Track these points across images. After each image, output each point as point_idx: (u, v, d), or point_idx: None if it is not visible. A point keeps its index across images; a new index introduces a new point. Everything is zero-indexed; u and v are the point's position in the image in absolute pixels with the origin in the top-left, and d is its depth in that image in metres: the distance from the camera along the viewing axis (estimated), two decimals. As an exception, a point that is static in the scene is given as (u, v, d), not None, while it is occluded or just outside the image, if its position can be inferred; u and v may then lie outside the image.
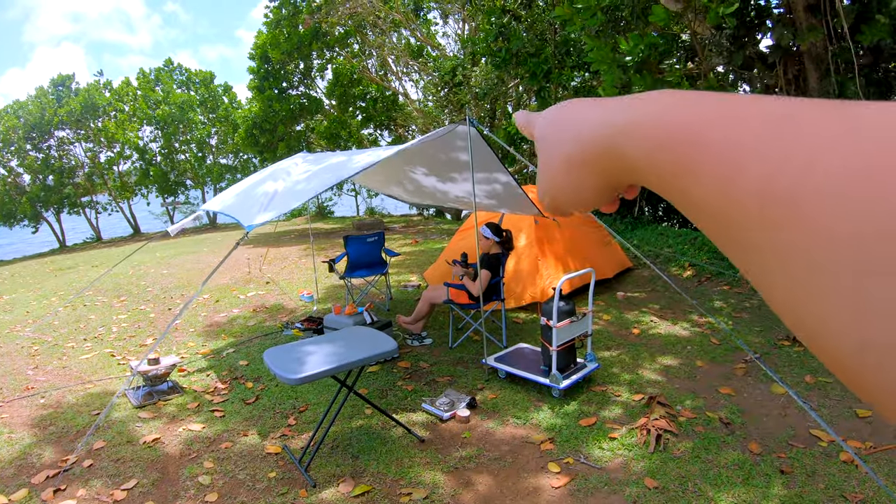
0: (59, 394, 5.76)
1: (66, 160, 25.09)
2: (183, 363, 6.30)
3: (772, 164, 0.27)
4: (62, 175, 24.67)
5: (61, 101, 24.31)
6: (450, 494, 3.62)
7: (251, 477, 3.99)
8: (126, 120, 25.29)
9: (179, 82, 26.87)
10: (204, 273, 11.76)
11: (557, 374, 4.70)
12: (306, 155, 6.25)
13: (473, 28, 16.81)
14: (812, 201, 0.25)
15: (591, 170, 0.41)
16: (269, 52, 19.17)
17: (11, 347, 7.52)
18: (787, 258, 0.26)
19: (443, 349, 6.22)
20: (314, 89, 21.44)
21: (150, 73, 26.69)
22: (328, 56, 20.60)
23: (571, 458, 3.92)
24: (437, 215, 21.61)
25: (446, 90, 15.65)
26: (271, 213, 4.61)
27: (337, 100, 20.73)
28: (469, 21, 17.37)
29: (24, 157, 24.30)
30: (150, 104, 25.44)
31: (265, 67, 19.90)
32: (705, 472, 3.62)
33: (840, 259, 0.24)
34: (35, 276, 14.96)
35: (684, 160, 0.32)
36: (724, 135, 0.30)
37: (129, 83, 26.35)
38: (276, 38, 18.85)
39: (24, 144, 24.08)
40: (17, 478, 4.19)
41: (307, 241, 15.39)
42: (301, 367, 3.68)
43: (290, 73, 20.42)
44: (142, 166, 26.11)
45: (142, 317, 8.64)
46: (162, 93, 25.84)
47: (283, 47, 18.70)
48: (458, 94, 15.02)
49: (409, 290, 8.99)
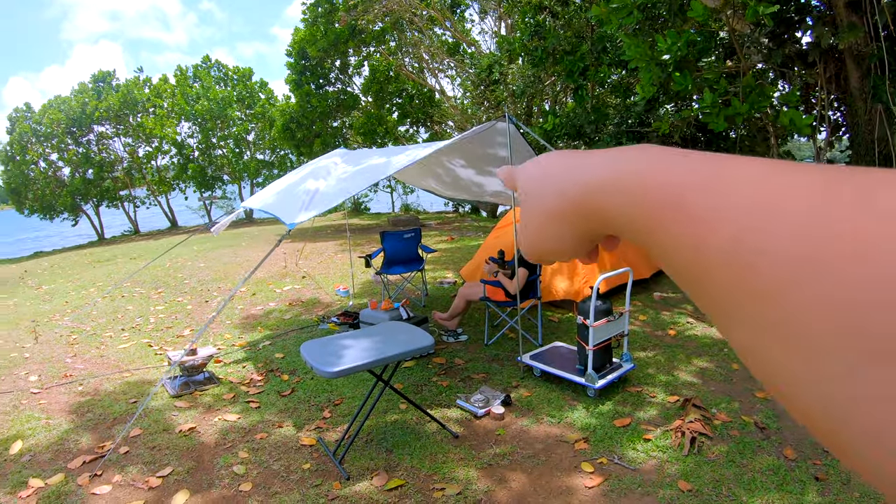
0: (97, 381, 5.87)
1: (106, 154, 25.56)
2: (219, 354, 6.38)
3: (739, 225, 0.28)
4: (102, 169, 25.12)
5: (101, 97, 24.71)
6: (483, 491, 3.63)
7: (285, 468, 4.03)
8: (164, 116, 25.63)
9: (217, 79, 27.15)
10: (241, 267, 11.90)
11: (593, 373, 4.68)
12: (345, 152, 6.29)
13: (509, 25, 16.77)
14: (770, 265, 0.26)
15: (572, 222, 0.43)
16: (307, 49, 19.29)
17: (51, 336, 7.68)
18: (747, 313, 0.28)
19: (478, 346, 6.22)
20: (351, 85, 21.55)
21: (188, 69, 27.00)
22: (365, 53, 20.67)
23: (605, 459, 3.91)
24: (472, 212, 21.59)
25: (483, 87, 15.62)
26: (313, 212, 4.66)
27: (373, 96, 20.80)
28: (505, 18, 17.33)
29: (65, 151, 24.76)
30: (188, 100, 25.73)
31: (302, 63, 20.04)
32: (739, 477, 3.59)
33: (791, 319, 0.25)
34: (74, 267, 15.23)
35: (660, 219, 0.33)
36: (700, 199, 0.31)
37: (168, 80, 26.69)
38: (313, 34, 18.96)
39: (65, 139, 24.55)
40: (53, 462, 4.28)
41: (343, 236, 15.49)
42: (338, 360, 3.71)
43: (327, 70, 20.54)
44: (180, 161, 26.48)
45: (179, 308, 8.77)
46: (200, 89, 26.12)
47: (321, 44, 18.80)
48: (494, 91, 14.98)
49: (445, 286, 9.00)
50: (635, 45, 7.13)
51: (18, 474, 4.14)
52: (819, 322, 0.24)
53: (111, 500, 3.77)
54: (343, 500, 3.61)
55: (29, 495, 3.86)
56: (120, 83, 25.89)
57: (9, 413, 5.22)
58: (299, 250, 13.10)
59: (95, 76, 25.85)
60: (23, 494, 3.87)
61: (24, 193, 25.27)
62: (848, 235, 0.24)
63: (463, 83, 19.10)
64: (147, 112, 25.63)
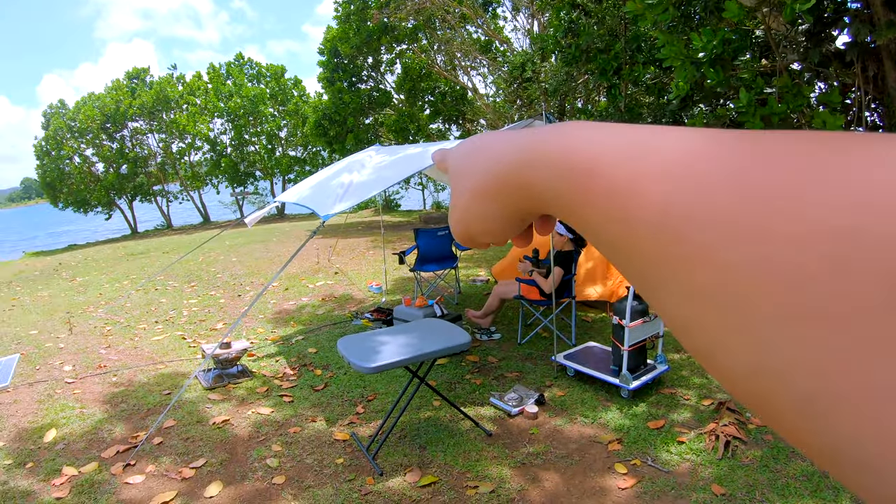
0: (131, 373, 5.96)
1: (140, 150, 25.93)
2: (253, 348, 6.44)
3: (662, 193, 0.27)
4: (136, 164, 25.50)
5: (136, 94, 25.03)
6: (516, 490, 3.62)
7: (319, 462, 4.06)
8: (197, 112, 25.90)
9: (250, 76, 27.37)
10: (273, 262, 11.99)
11: (627, 374, 4.66)
12: (380, 147, 6.31)
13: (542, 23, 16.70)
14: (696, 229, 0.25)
15: (498, 199, 0.42)
16: (339, 47, 19.37)
17: (85, 327, 7.80)
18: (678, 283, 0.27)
19: (511, 344, 6.22)
20: (383, 83, 21.59)
21: (221, 67, 27.25)
22: (397, 50, 20.71)
23: (639, 460, 3.89)
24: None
25: (515, 85, 15.58)
26: (347, 203, 4.68)
27: (406, 94, 20.83)
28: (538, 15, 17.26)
29: (100, 147, 25.12)
30: (220, 97, 25.99)
31: (335, 61, 20.12)
32: (773, 482, 3.55)
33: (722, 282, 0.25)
34: (108, 260, 15.45)
35: (584, 191, 0.32)
36: (623, 167, 0.30)
37: (201, 77, 26.97)
38: (345, 32, 19.03)
39: (99, 134, 24.92)
40: (87, 451, 4.36)
41: (375, 233, 15.54)
42: (375, 356, 3.73)
43: (359, 67, 20.60)
44: (212, 157, 26.76)
45: (212, 302, 8.86)
46: (233, 86, 26.35)
47: (353, 41, 18.87)
48: (527, 89, 14.93)
49: (478, 284, 9.00)
50: (670, 43, 7.07)
51: (52, 462, 4.22)
52: (750, 282, 0.23)
53: (144, 490, 3.82)
54: (376, 495, 3.63)
55: (62, 483, 3.93)
56: (154, 80, 26.22)
57: (43, 402, 5.32)
58: (332, 246, 13.16)
59: (130, 73, 26.23)
60: (56, 482, 3.95)
61: (59, 187, 25.70)
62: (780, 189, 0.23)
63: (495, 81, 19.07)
64: (180, 109, 25.92)
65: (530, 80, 14.57)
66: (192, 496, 3.74)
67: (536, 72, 14.17)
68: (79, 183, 25.45)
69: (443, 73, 20.11)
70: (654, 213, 0.27)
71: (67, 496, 3.78)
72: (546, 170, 0.35)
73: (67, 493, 3.81)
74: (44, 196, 28.30)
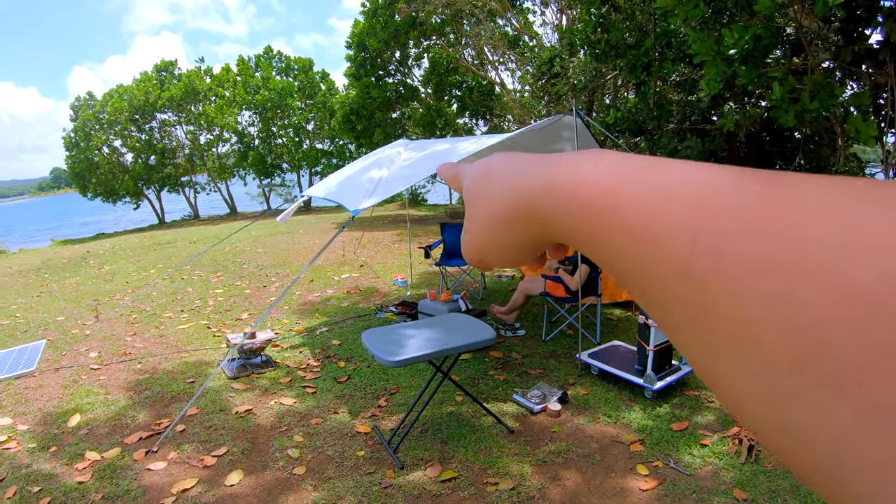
0: (156, 360, 6.02)
1: (168, 141, 26.20)
2: (277, 339, 6.48)
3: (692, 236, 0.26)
4: (164, 155, 25.80)
5: (164, 86, 25.27)
6: (536, 488, 3.61)
7: (340, 454, 4.08)
8: (225, 105, 26.10)
9: (279, 69, 27.51)
10: (299, 254, 12.05)
11: (652, 374, 4.62)
12: (408, 142, 6.30)
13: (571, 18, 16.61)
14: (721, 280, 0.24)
15: (514, 227, 0.40)
16: (367, 41, 19.38)
17: (111, 314, 7.89)
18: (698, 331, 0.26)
19: (535, 341, 6.19)
20: (411, 77, 21.59)
21: (250, 60, 27.42)
22: (425, 45, 20.69)
23: (661, 462, 3.85)
24: (533, 206, 21.49)
25: (543, 81, 15.51)
26: (377, 198, 4.68)
27: (433, 88, 20.81)
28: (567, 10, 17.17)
29: (128, 138, 25.41)
30: (249, 90, 26.15)
31: (362, 55, 20.13)
32: (796, 489, 3.50)
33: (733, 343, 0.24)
34: (135, 249, 15.61)
35: (597, 227, 0.31)
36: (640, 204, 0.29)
37: (230, 69, 27.17)
38: (373, 26, 19.04)
39: (128, 126, 25.20)
40: (110, 437, 4.42)
41: (400, 226, 15.57)
42: (400, 349, 3.73)
43: (386, 61, 20.60)
44: (240, 149, 26.95)
45: (237, 292, 8.92)
46: (261, 79, 26.51)
47: (380, 35, 18.88)
48: (555, 85, 14.86)
49: (503, 280, 8.98)
50: (701, 40, 7.01)
51: (76, 446, 4.28)
52: (772, 341, 0.23)
53: (166, 476, 3.86)
54: (396, 488, 3.63)
55: (85, 467, 3.98)
56: (182, 73, 26.44)
57: (69, 387, 5.39)
58: (357, 239, 13.20)
59: (158, 66, 26.48)
60: (79, 466, 4.00)
61: (88, 178, 26.03)
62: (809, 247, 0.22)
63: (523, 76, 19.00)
64: (208, 101, 26.12)
65: (558, 76, 14.50)
66: (212, 484, 3.77)
67: (565, 67, 14.10)
68: (107, 173, 25.79)
69: (470, 68, 20.06)
70: (678, 260, 0.27)
71: (89, 480, 3.83)
72: (559, 204, 0.34)
73: (89, 478, 3.85)
74: (73, 186, 28.68)
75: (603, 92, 15.55)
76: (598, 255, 0.32)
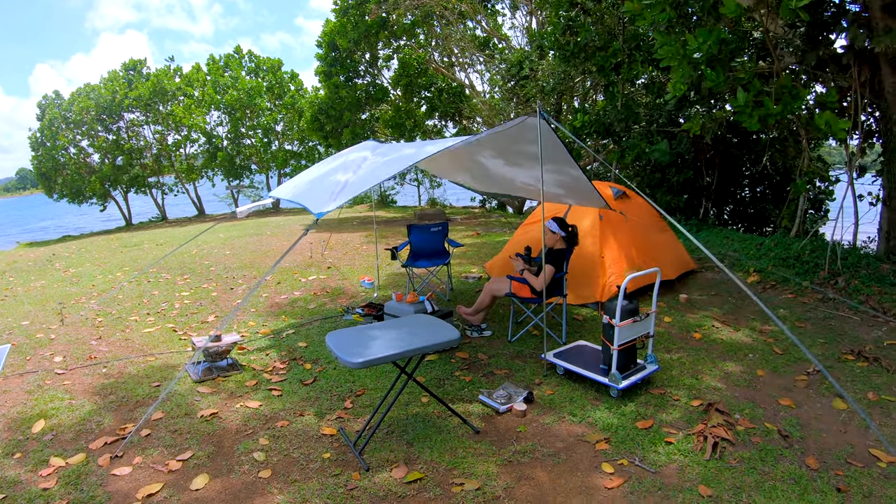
0: (121, 364, 5.95)
1: (136, 141, 25.89)
2: (243, 341, 6.43)
3: None
4: (131, 156, 25.50)
5: (132, 85, 24.99)
6: (502, 487, 3.61)
7: (305, 456, 4.05)
8: (194, 105, 25.87)
9: (248, 69, 27.35)
10: (266, 255, 11.96)
11: (617, 373, 4.65)
12: (375, 145, 6.26)
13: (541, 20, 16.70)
14: None
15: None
16: (337, 41, 19.33)
17: (77, 318, 7.78)
18: None
19: (502, 342, 6.21)
20: (380, 78, 21.57)
21: (220, 59, 27.23)
22: (395, 46, 20.69)
23: (626, 460, 3.88)
24: (499, 208, 21.58)
25: (513, 83, 15.58)
26: (341, 200, 4.66)
27: (403, 89, 20.82)
28: (536, 13, 17.26)
29: (95, 138, 25.09)
30: (218, 90, 25.96)
31: (332, 55, 20.07)
32: (760, 484, 3.54)
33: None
34: (101, 251, 15.40)
35: None
36: None
37: (200, 69, 26.96)
38: (343, 26, 19.00)
39: (95, 125, 24.90)
40: (75, 442, 4.35)
41: (369, 228, 15.53)
42: (363, 351, 3.71)
43: (356, 62, 20.56)
44: (209, 150, 26.74)
45: (204, 295, 8.83)
46: (230, 79, 26.33)
47: (351, 36, 18.84)
48: (524, 87, 14.93)
49: (470, 281, 8.99)
50: (667, 43, 7.08)
51: (40, 452, 4.21)
52: None
53: (131, 482, 3.81)
54: (362, 490, 3.62)
55: (49, 473, 3.92)
56: (150, 72, 26.18)
57: (33, 392, 5.30)
58: (325, 240, 13.14)
59: (126, 65, 26.19)
60: (44, 472, 3.93)
61: (54, 178, 25.67)
62: None
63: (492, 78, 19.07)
64: (177, 100, 25.88)
65: (527, 78, 14.57)
66: (178, 488, 3.73)
67: (534, 70, 14.18)
68: (74, 174, 25.42)
69: (440, 70, 20.11)
70: None
71: (54, 486, 3.77)
72: None
73: (54, 484, 3.79)
74: (39, 187, 28.25)
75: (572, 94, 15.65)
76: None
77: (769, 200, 13.23)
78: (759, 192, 13.64)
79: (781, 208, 11.03)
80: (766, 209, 13.24)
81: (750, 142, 12.61)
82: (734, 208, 13.91)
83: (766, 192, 13.48)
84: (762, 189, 13.58)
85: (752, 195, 13.77)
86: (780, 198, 12.66)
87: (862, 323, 6.33)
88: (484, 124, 19.46)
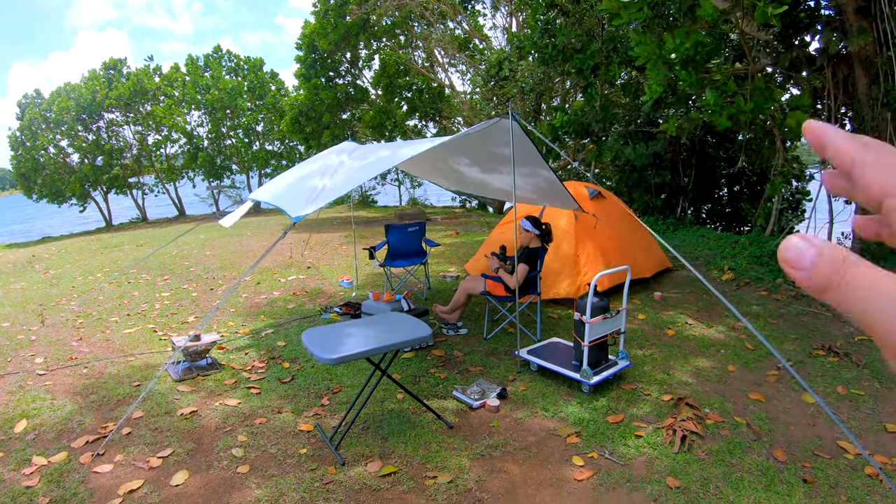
0: (102, 365, 5.97)
1: (116, 141, 25.65)
2: (223, 341, 6.48)
3: None
4: (111, 156, 25.24)
5: (112, 85, 24.80)
6: (474, 480, 3.69)
7: (282, 452, 4.12)
8: (174, 104, 25.71)
9: (228, 69, 27.20)
10: (246, 256, 11.97)
11: (588, 369, 4.74)
12: (354, 147, 6.30)
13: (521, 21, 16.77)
14: None
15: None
16: (317, 41, 19.26)
17: (57, 319, 7.77)
18: None
19: (477, 339, 6.29)
20: (361, 79, 21.55)
21: (199, 59, 27.07)
22: (375, 46, 20.67)
23: (596, 453, 3.96)
24: (479, 208, 21.63)
25: (493, 83, 15.65)
26: (319, 204, 4.71)
27: (383, 90, 20.80)
28: (516, 14, 17.33)
29: (75, 138, 24.86)
30: (198, 90, 25.82)
31: (312, 56, 20.02)
32: (728, 476, 3.64)
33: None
34: (81, 252, 15.31)
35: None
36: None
37: (179, 69, 26.79)
38: (323, 27, 18.93)
39: (75, 125, 24.65)
40: (57, 441, 4.39)
41: (348, 228, 15.55)
42: (337, 347, 3.78)
43: (337, 63, 20.51)
44: (189, 150, 26.55)
45: (184, 295, 8.85)
46: (210, 79, 26.18)
47: (331, 37, 18.78)
48: (504, 87, 15.01)
49: (448, 280, 9.06)
50: (643, 43, 7.17)
51: (22, 452, 4.24)
52: None
53: (112, 479, 3.86)
54: (338, 484, 3.69)
55: (32, 472, 3.95)
56: (131, 71, 26.00)
57: (14, 393, 5.31)
58: (305, 241, 13.16)
59: (106, 64, 25.95)
60: (26, 471, 3.97)
61: (33, 178, 25.42)
62: None
63: (473, 79, 19.12)
64: (157, 100, 25.73)
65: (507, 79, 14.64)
66: (158, 484, 3.78)
67: (513, 70, 14.25)
68: (53, 174, 25.19)
69: (421, 70, 20.12)
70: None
71: (37, 484, 3.81)
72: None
73: (37, 482, 3.83)
74: (17, 187, 28.00)
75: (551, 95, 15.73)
76: None
77: (746, 200, 13.39)
78: (737, 191, 13.80)
79: (758, 207, 11.16)
80: (742, 209, 13.39)
81: (726, 142, 12.75)
82: (711, 208, 14.05)
83: (742, 192, 13.63)
84: (739, 189, 13.74)
85: (730, 195, 13.92)
86: (756, 197, 12.80)
87: (833, 319, 6.45)
88: (465, 124, 19.49)
